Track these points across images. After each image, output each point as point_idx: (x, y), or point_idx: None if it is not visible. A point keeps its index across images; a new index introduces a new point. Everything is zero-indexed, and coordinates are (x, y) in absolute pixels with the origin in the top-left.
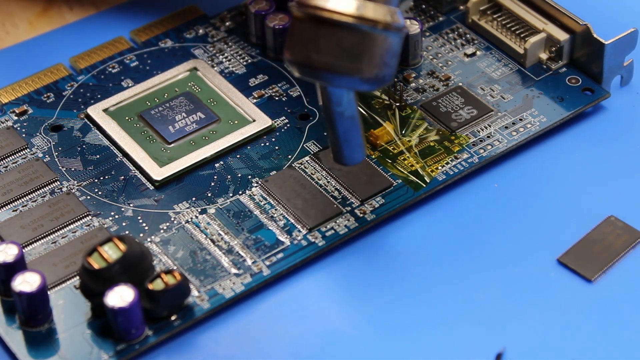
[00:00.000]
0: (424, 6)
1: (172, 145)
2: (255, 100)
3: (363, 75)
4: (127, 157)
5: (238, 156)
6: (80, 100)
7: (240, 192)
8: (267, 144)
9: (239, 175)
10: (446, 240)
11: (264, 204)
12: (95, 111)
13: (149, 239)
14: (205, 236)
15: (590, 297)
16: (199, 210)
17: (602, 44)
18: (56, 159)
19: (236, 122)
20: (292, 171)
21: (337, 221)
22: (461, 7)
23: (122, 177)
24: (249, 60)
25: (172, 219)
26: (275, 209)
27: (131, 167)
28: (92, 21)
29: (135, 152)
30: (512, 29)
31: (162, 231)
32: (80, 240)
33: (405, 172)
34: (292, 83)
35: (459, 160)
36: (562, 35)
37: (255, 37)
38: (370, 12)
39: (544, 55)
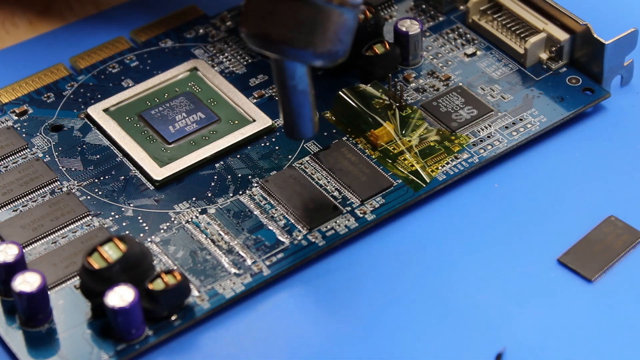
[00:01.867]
0: (424, 6)
1: (172, 145)
2: (255, 100)
3: (316, 49)
4: (127, 157)
5: (238, 156)
6: (80, 100)
7: (240, 192)
8: (267, 144)
9: (239, 175)
10: (446, 240)
11: (264, 204)
12: (96, 111)
13: (149, 239)
14: (205, 236)
15: (590, 297)
16: (199, 210)
17: (602, 44)
18: (56, 159)
19: (236, 122)
20: (292, 171)
21: (337, 221)
22: (461, 7)
23: (122, 177)
24: (249, 60)
25: (172, 219)
26: (275, 209)
27: (131, 167)
28: (92, 21)
29: (136, 152)
30: (512, 29)
31: (162, 231)
32: (80, 240)
33: (406, 172)
34: None
35: (459, 160)
36: (562, 35)
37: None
38: None
39: (544, 55)
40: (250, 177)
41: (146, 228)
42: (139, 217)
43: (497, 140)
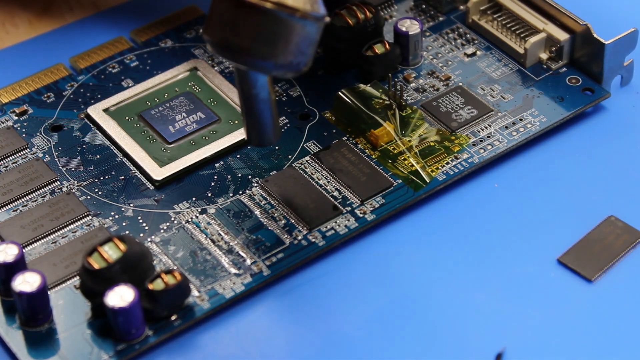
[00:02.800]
0: (424, 6)
1: (172, 145)
2: None
3: (277, 60)
4: (127, 157)
5: (238, 156)
6: (80, 100)
7: (240, 192)
8: None
9: (239, 175)
10: (446, 240)
11: (264, 204)
12: (96, 111)
13: (149, 239)
14: (205, 236)
15: (590, 297)
16: (199, 210)
17: (602, 44)
18: (56, 159)
19: (236, 122)
20: (292, 171)
21: (337, 221)
22: (461, 7)
23: (122, 177)
24: None
25: (172, 219)
26: (275, 209)
27: (131, 167)
28: (92, 21)
29: (136, 152)
30: (512, 29)
31: (162, 231)
32: (80, 240)
33: (406, 172)
34: (292, 83)
35: (459, 160)
36: (562, 35)
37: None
38: (290, 0)
39: (544, 55)
40: (250, 177)
41: (146, 228)
42: (139, 217)
43: (497, 140)
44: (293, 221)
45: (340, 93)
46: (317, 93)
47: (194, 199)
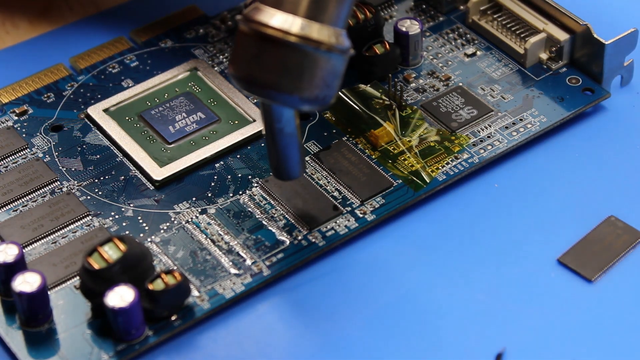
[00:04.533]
0: (424, 6)
1: (172, 145)
2: (255, 100)
3: (303, 94)
4: (127, 157)
5: (238, 156)
6: (80, 100)
7: (240, 192)
8: None
9: (239, 175)
10: (446, 240)
11: (264, 204)
12: (96, 111)
13: (149, 239)
14: (205, 236)
15: (590, 297)
16: (199, 210)
17: (602, 44)
18: (56, 159)
19: (236, 122)
20: None
21: (337, 221)
22: (461, 7)
23: (122, 177)
24: None
25: (172, 219)
26: (275, 209)
27: (131, 167)
28: (92, 21)
29: (136, 152)
30: (512, 29)
31: (162, 231)
32: (80, 240)
33: (406, 173)
34: None
35: (459, 160)
36: (562, 35)
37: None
38: (315, 33)
39: (544, 55)
40: (250, 177)
41: (146, 228)
42: (139, 217)
43: (497, 140)
44: (293, 221)
45: (340, 93)
46: None
47: (194, 199)
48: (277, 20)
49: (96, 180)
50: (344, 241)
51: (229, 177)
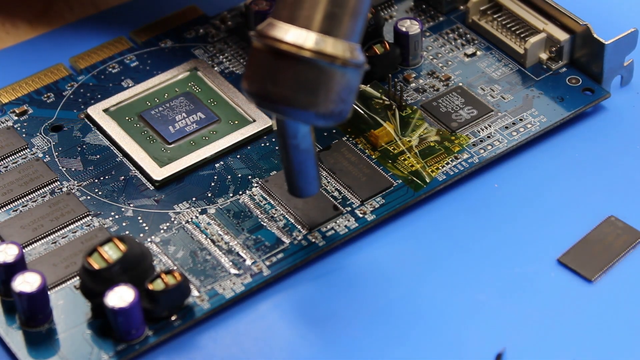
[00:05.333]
0: (424, 6)
1: (172, 145)
2: None
3: (318, 110)
4: (127, 157)
5: (238, 156)
6: (80, 100)
7: (240, 192)
8: (267, 144)
9: (239, 175)
10: (446, 240)
11: (264, 204)
12: (96, 111)
13: (149, 239)
14: (205, 236)
15: (590, 297)
16: (199, 210)
17: (602, 44)
18: (56, 159)
19: (236, 122)
20: None
21: (337, 221)
22: (461, 7)
23: (122, 177)
24: None
25: (172, 219)
26: (275, 209)
27: (131, 167)
28: (92, 21)
29: (136, 152)
30: (512, 29)
31: (162, 231)
32: (80, 240)
33: (406, 173)
34: None
35: (459, 160)
36: (562, 35)
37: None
38: (330, 48)
39: (544, 55)
40: (250, 177)
41: (146, 228)
42: (139, 217)
43: (497, 140)
44: (293, 221)
45: None
46: None
47: (194, 199)
48: (291, 35)
49: (96, 180)
50: (344, 241)
51: (229, 177)
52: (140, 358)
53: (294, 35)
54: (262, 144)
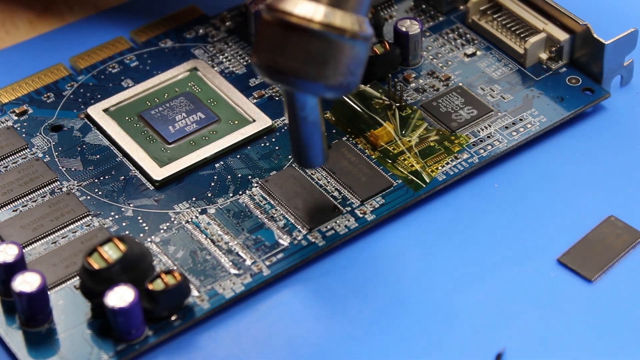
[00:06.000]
0: (424, 6)
1: (172, 145)
2: (255, 100)
3: (328, 82)
4: (127, 157)
5: (238, 156)
6: (80, 100)
7: (240, 192)
8: (267, 144)
9: (239, 175)
10: (446, 241)
11: (264, 204)
12: (95, 111)
13: (149, 239)
14: (205, 236)
15: (590, 297)
16: (199, 210)
17: (602, 44)
18: (56, 159)
19: (236, 122)
20: (292, 171)
21: (337, 221)
22: (461, 7)
23: (122, 177)
24: (249, 60)
25: (172, 219)
26: (275, 209)
27: (131, 167)
28: (92, 21)
29: (135, 152)
30: (512, 29)
31: (162, 231)
32: (80, 240)
33: (406, 172)
34: None
35: (459, 160)
36: (562, 35)
37: (255, 37)
38: (338, 20)
39: (544, 55)
40: (250, 177)
41: (146, 228)
42: (139, 217)
43: (497, 140)
44: (293, 221)
45: None
46: None
47: (194, 199)
48: (301, 8)
49: (96, 180)
50: (344, 241)
51: (229, 177)
52: (140, 358)
53: (303, 8)
54: (262, 144)
